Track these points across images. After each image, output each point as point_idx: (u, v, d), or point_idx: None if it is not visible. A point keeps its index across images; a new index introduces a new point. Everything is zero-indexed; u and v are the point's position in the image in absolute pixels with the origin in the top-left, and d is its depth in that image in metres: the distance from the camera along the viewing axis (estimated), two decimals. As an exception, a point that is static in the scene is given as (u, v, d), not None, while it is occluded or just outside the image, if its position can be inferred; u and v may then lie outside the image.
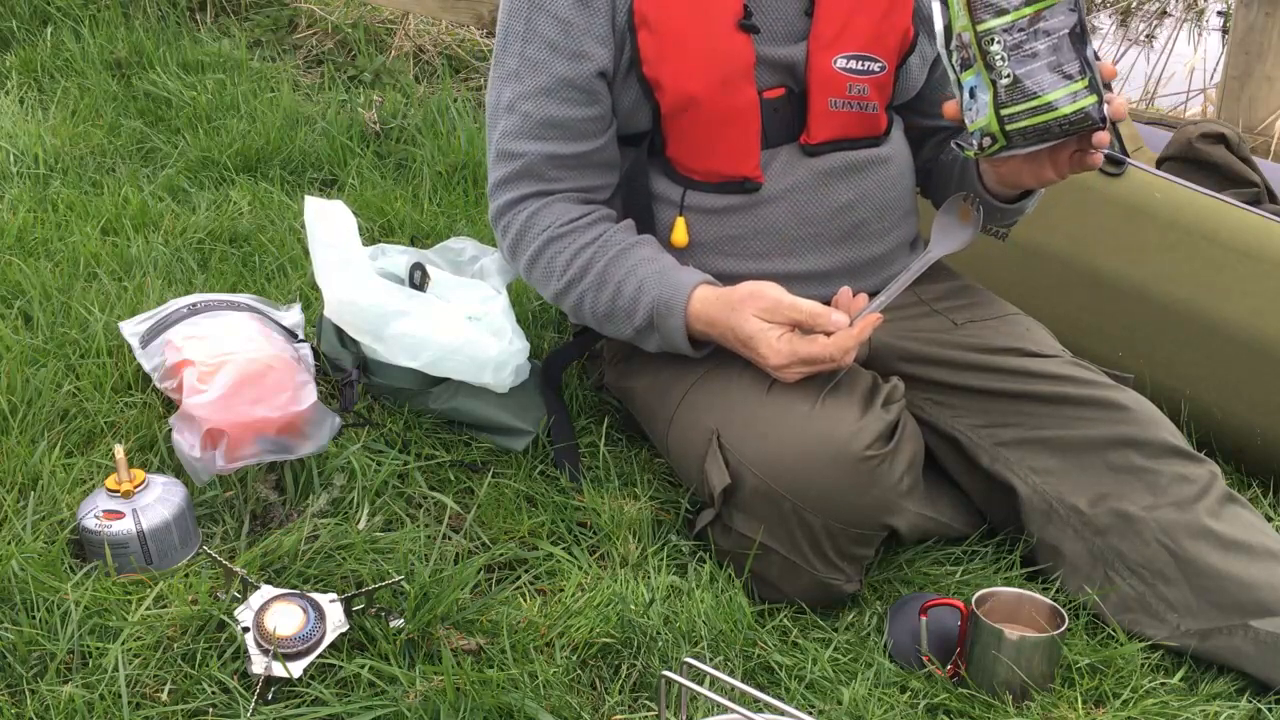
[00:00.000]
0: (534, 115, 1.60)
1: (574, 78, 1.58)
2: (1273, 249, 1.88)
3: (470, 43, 3.57)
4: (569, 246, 1.61)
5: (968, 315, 1.76)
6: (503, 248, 1.71)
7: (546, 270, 1.64)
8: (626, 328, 1.61)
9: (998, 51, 1.37)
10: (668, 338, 1.59)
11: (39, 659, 1.34)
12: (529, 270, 1.67)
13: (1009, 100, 1.39)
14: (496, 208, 1.68)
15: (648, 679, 1.41)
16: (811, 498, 1.47)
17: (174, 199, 2.52)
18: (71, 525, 1.50)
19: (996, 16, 1.37)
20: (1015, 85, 1.38)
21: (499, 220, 1.69)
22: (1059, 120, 1.38)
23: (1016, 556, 1.67)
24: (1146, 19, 4.57)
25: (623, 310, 1.60)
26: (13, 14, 3.40)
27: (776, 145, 1.63)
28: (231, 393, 1.61)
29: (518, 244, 1.66)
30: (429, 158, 2.77)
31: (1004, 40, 1.37)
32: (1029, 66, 1.37)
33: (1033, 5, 1.36)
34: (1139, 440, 1.60)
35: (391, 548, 1.54)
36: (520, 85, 1.60)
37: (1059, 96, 1.37)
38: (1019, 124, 1.39)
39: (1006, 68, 1.37)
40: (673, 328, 1.56)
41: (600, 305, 1.61)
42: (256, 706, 1.30)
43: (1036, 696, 1.44)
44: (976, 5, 1.37)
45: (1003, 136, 1.41)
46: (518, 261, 1.68)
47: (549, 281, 1.65)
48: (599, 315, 1.62)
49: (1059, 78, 1.37)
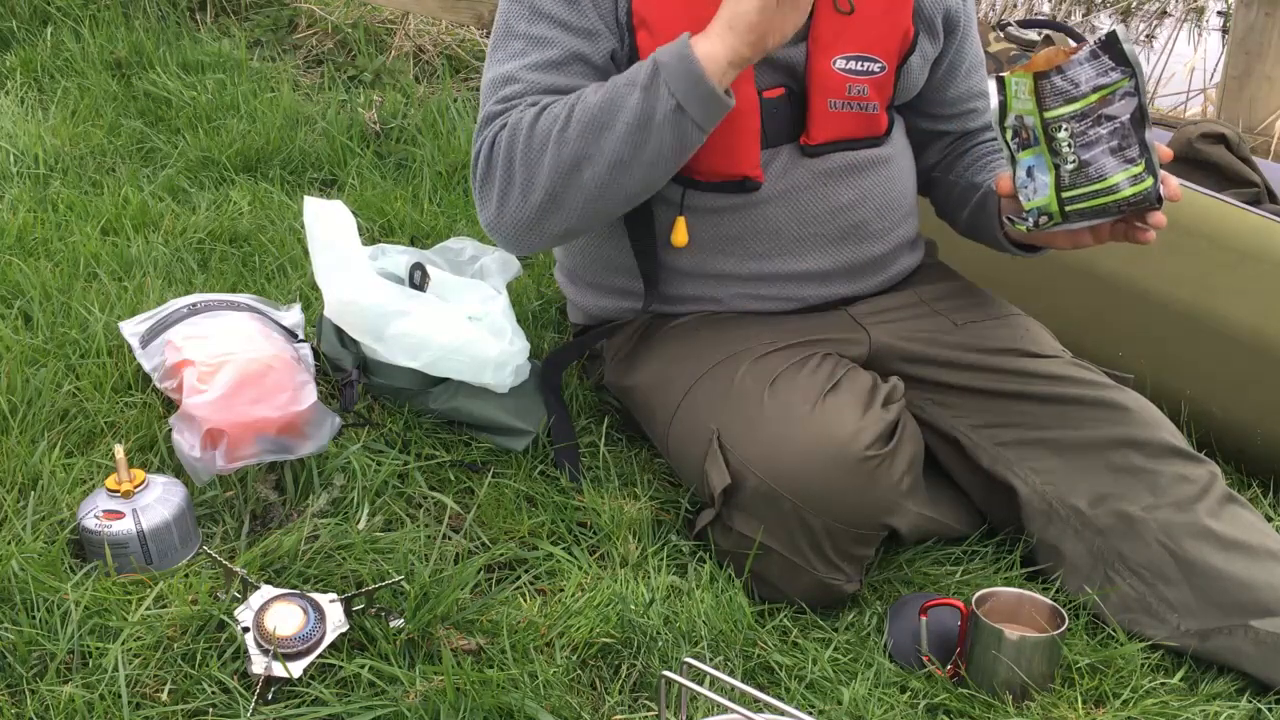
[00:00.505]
0: (539, 83, 1.54)
1: (588, 53, 1.55)
2: (1273, 249, 1.88)
3: (470, 43, 3.57)
4: (563, 99, 1.51)
5: (968, 315, 1.76)
6: (493, 161, 1.54)
7: (545, 129, 1.49)
8: (631, 98, 1.45)
9: (1064, 139, 1.39)
10: (673, 65, 1.43)
11: (39, 659, 1.34)
12: (527, 144, 1.50)
13: (1072, 184, 1.40)
14: (480, 142, 1.56)
15: (648, 679, 1.41)
16: (812, 498, 1.47)
17: (174, 199, 2.52)
18: (71, 525, 1.50)
19: (1066, 105, 1.38)
20: (1080, 170, 1.39)
21: (476, 142, 1.56)
22: (1119, 202, 1.40)
23: (1016, 556, 1.67)
24: (1146, 19, 4.57)
25: (624, 86, 1.46)
26: (13, 14, 3.40)
27: (776, 145, 1.63)
28: (231, 393, 1.61)
29: (513, 136, 1.51)
30: (429, 158, 2.77)
31: (1071, 128, 1.38)
32: (1094, 151, 1.39)
33: (1099, 92, 1.37)
34: (1139, 440, 1.60)
35: (391, 548, 1.54)
36: (525, 59, 1.55)
37: (1120, 180, 1.39)
38: (1079, 205, 1.41)
39: (1072, 154, 1.39)
40: (677, 48, 1.44)
41: (598, 98, 1.47)
42: (256, 706, 1.30)
43: (1036, 696, 1.44)
44: (1045, 93, 1.38)
45: (1060, 216, 1.43)
46: (513, 153, 1.51)
47: (550, 134, 1.48)
48: (601, 108, 1.46)
49: (1121, 161, 1.39)
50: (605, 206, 1.54)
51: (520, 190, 1.52)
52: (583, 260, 1.82)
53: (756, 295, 1.70)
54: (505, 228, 1.56)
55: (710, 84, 1.43)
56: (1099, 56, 1.37)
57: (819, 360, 1.60)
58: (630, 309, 1.76)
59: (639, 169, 1.49)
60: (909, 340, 1.72)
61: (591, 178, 1.49)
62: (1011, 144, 1.44)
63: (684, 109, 1.44)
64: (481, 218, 1.60)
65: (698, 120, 1.45)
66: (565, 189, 1.50)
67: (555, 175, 1.49)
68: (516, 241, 1.59)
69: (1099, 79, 1.37)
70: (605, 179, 1.49)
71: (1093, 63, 1.37)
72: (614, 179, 1.49)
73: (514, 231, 1.56)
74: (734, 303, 1.71)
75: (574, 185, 1.50)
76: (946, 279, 1.84)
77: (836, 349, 1.66)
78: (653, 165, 1.49)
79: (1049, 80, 1.38)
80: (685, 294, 1.71)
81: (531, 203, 1.52)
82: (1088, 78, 1.37)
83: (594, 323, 1.85)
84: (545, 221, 1.54)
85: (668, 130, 1.45)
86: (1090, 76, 1.37)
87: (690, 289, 1.71)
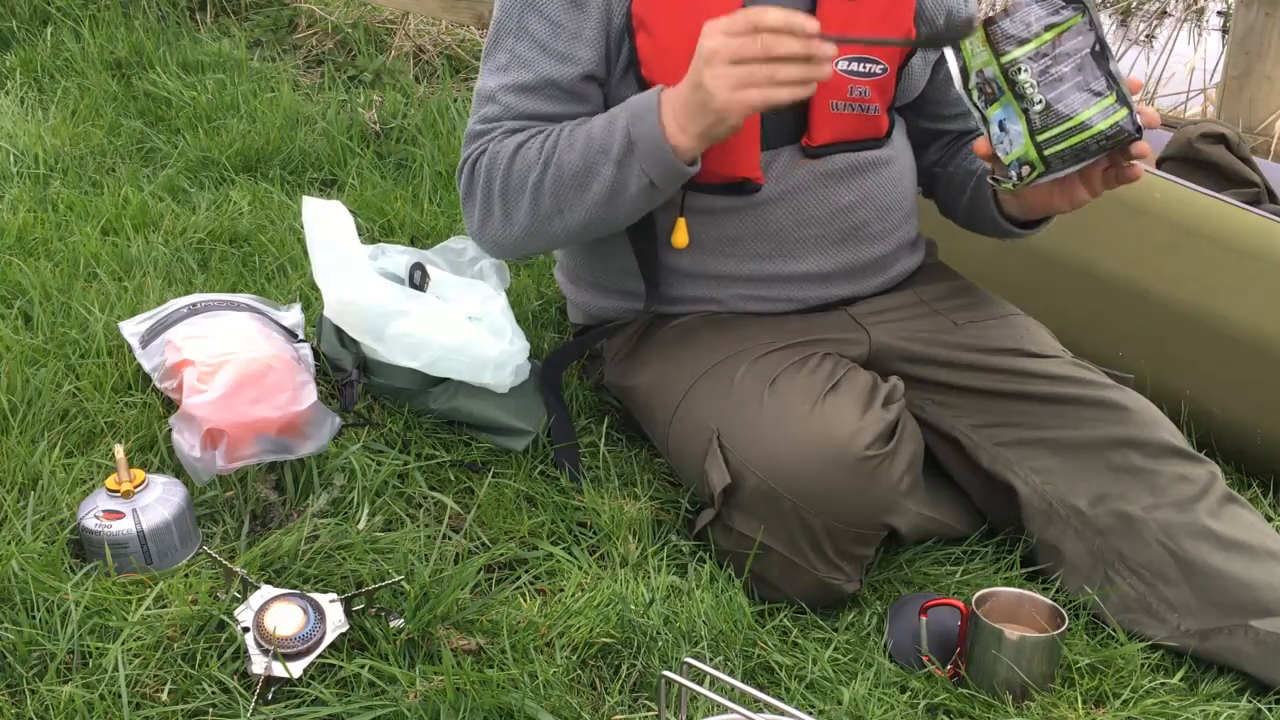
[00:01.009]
0: (515, 108, 1.60)
1: (559, 79, 1.58)
2: (1273, 249, 1.88)
3: (470, 43, 3.57)
4: (538, 137, 1.56)
5: (968, 315, 1.76)
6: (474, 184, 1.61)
7: (521, 174, 1.55)
8: (605, 170, 1.49)
9: (1026, 80, 1.39)
10: (646, 146, 1.46)
11: (39, 659, 1.34)
12: (505, 182, 1.56)
13: (1043, 125, 1.40)
14: (465, 158, 1.63)
15: (648, 679, 1.41)
16: (812, 497, 1.47)
17: (174, 199, 2.52)
18: (71, 525, 1.50)
19: (1019, 46, 1.38)
20: (1048, 110, 1.39)
21: (462, 155, 1.63)
22: (1095, 137, 1.39)
23: (1016, 556, 1.67)
24: (1146, 19, 4.57)
25: (598, 154, 1.50)
26: (13, 14, 3.40)
27: (777, 147, 1.63)
28: (231, 393, 1.61)
29: (492, 166, 1.57)
30: (429, 158, 2.77)
31: (1030, 68, 1.38)
32: (1058, 90, 1.38)
33: (1052, 30, 1.38)
34: (1139, 440, 1.60)
35: (391, 548, 1.54)
36: (505, 78, 1.60)
37: (1092, 114, 1.38)
38: (1056, 147, 1.40)
39: (1037, 94, 1.39)
40: (649, 129, 1.45)
41: (574, 160, 1.51)
42: (256, 706, 1.30)
43: (1036, 696, 1.44)
44: (997, 38, 1.38)
45: (1041, 162, 1.41)
46: (491, 185, 1.58)
47: (526, 182, 1.54)
48: (576, 173, 1.51)
49: (1089, 96, 1.38)
50: (582, 241, 1.66)
51: (500, 219, 1.61)
52: (583, 260, 1.82)
53: (757, 296, 1.70)
54: (487, 243, 1.66)
55: (682, 167, 1.47)
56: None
57: (819, 360, 1.60)
58: (630, 309, 1.76)
59: (611, 224, 1.58)
60: (909, 340, 1.72)
61: (564, 228, 1.58)
62: (979, 104, 1.44)
63: (656, 185, 1.49)
64: (466, 225, 1.68)
65: (666, 191, 1.52)
66: (544, 229, 1.59)
67: (532, 219, 1.58)
68: (499, 255, 1.73)
69: (1050, 18, 1.38)
70: (579, 229, 1.58)
71: (1041, 3, 1.38)
72: (588, 229, 1.59)
73: (495, 248, 1.67)
74: (734, 303, 1.71)
75: (552, 228, 1.58)
76: (946, 279, 1.84)
77: (836, 349, 1.66)
78: (625, 220, 1.58)
79: (998, 26, 1.38)
80: (686, 294, 1.72)
81: (511, 233, 1.61)
82: (1037, 17, 1.38)
83: (594, 323, 1.85)
84: (524, 247, 1.64)
85: (640, 199, 1.52)
86: (1040, 16, 1.38)
87: (690, 290, 1.71)
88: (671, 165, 1.46)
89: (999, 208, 1.67)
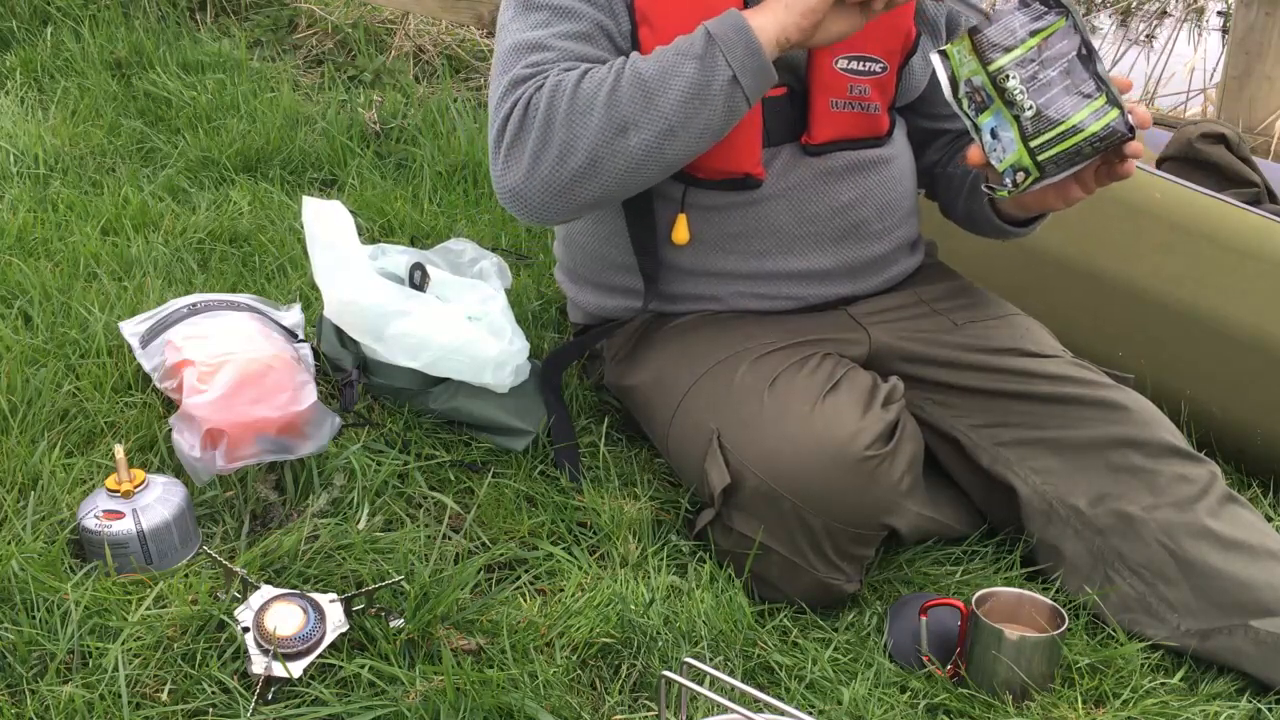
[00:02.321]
0: (571, 51, 1.53)
1: (612, 30, 1.55)
2: (1273, 249, 1.88)
3: (470, 43, 3.57)
4: (601, 67, 1.50)
5: (968, 315, 1.76)
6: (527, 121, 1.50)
7: (591, 90, 1.46)
8: (686, 66, 1.44)
9: (1015, 86, 1.39)
10: (729, 37, 1.44)
11: (39, 659, 1.34)
12: (571, 102, 1.47)
13: (1035, 131, 1.40)
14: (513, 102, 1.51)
15: (648, 679, 1.41)
16: (812, 498, 1.47)
17: (174, 199, 2.52)
18: (71, 525, 1.50)
19: (1005, 54, 1.38)
20: (1039, 115, 1.39)
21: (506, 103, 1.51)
22: (1089, 139, 1.39)
23: (1016, 556, 1.67)
24: (1146, 19, 4.57)
25: (673, 56, 1.45)
26: (13, 14, 3.40)
27: (778, 144, 1.63)
28: (231, 393, 1.61)
29: (556, 92, 1.48)
30: (429, 158, 2.77)
31: (1017, 74, 1.38)
32: (1048, 95, 1.38)
33: (1037, 35, 1.38)
34: (1139, 440, 1.60)
35: (391, 548, 1.54)
36: (553, 29, 1.54)
37: (1084, 117, 1.38)
38: (1050, 152, 1.40)
39: (1027, 100, 1.39)
40: (731, 20, 1.44)
41: (652, 66, 1.46)
42: (256, 706, 1.30)
43: (1036, 696, 1.44)
44: (983, 46, 1.39)
45: (1035, 168, 1.41)
46: (554, 112, 1.47)
47: (597, 96, 1.46)
48: (656, 75, 1.45)
49: (1079, 99, 1.38)
50: (643, 175, 1.50)
51: (558, 152, 1.48)
52: (583, 259, 1.82)
53: (757, 294, 1.70)
54: (533, 192, 1.51)
55: (765, 57, 1.44)
56: (1029, 4, 1.38)
57: (819, 360, 1.60)
58: (630, 308, 1.76)
59: (687, 137, 1.48)
60: (909, 340, 1.72)
61: (638, 143, 1.46)
62: (969, 112, 1.44)
63: (739, 80, 1.45)
64: (504, 182, 1.52)
65: (749, 93, 1.46)
66: (608, 153, 1.47)
67: (601, 137, 1.46)
68: (542, 208, 1.52)
69: (1033, 24, 1.38)
70: (652, 145, 1.47)
71: (1024, 10, 1.38)
72: (660, 146, 1.47)
73: (542, 197, 1.51)
74: (734, 301, 1.71)
75: (618, 150, 1.47)
76: (946, 279, 1.84)
77: (836, 349, 1.66)
78: (700, 136, 1.48)
79: (983, 35, 1.39)
80: (686, 292, 1.72)
81: (569, 166, 1.48)
82: (1021, 24, 1.38)
83: (594, 322, 1.85)
84: (578, 187, 1.50)
85: (720, 100, 1.46)
86: (1024, 23, 1.38)
87: (691, 287, 1.71)
88: (758, 58, 1.43)
89: (995, 209, 1.67)
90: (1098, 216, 1.99)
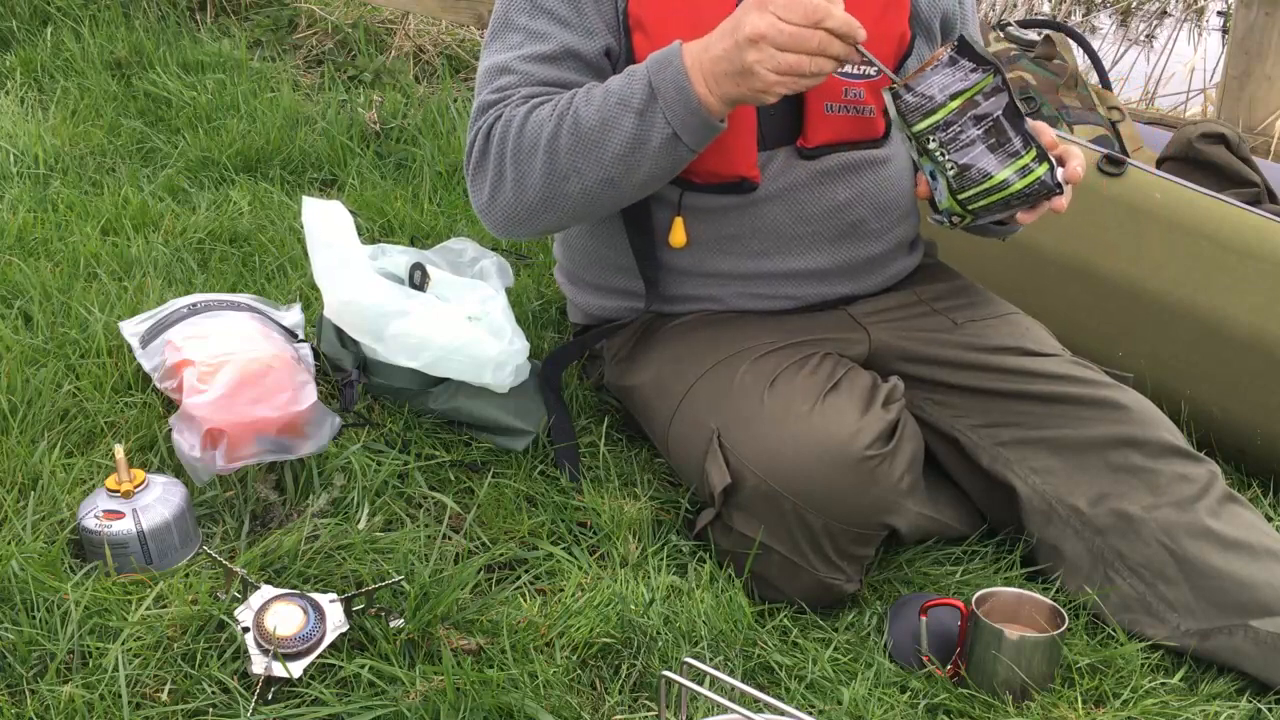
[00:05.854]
0: (533, 75, 1.56)
1: (579, 50, 1.56)
2: (1273, 249, 1.88)
3: (470, 43, 3.57)
4: (553, 100, 1.52)
5: (968, 315, 1.76)
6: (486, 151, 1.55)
7: (534, 133, 1.50)
8: (625, 121, 1.44)
9: (936, 148, 1.41)
10: (670, 95, 1.41)
11: (39, 659, 1.34)
12: (518, 141, 1.51)
13: (960, 187, 1.43)
14: (476, 130, 1.57)
15: (648, 679, 1.41)
16: (812, 497, 1.47)
17: (174, 199, 2.52)
18: (71, 525, 1.50)
19: (926, 118, 1.40)
20: (962, 174, 1.41)
21: (472, 129, 1.57)
22: (1015, 195, 1.42)
23: (1016, 556, 1.67)
24: (1146, 19, 4.57)
25: (616, 106, 1.44)
26: (13, 14, 3.40)
27: (774, 148, 1.63)
28: (231, 393, 1.61)
29: (506, 128, 1.52)
30: (429, 158, 2.77)
31: (939, 137, 1.40)
32: (971, 154, 1.40)
33: (959, 97, 1.38)
34: (1139, 440, 1.60)
35: (391, 548, 1.54)
36: (521, 51, 1.57)
37: (1008, 175, 1.41)
38: (977, 204, 1.44)
39: (949, 160, 1.41)
40: (673, 76, 1.41)
41: (592, 115, 1.46)
42: (256, 706, 1.30)
43: (1036, 696, 1.44)
44: (905, 110, 1.40)
45: (967, 214, 1.45)
46: (504, 148, 1.52)
47: (539, 140, 1.49)
48: (594, 127, 1.45)
49: (1004, 157, 1.40)
50: (599, 211, 1.58)
51: (512, 186, 1.54)
52: (583, 261, 1.83)
53: (756, 294, 1.70)
54: (498, 217, 1.59)
55: (712, 121, 1.43)
56: (957, 62, 1.38)
57: (819, 360, 1.60)
58: (630, 309, 1.76)
59: (628, 188, 1.52)
60: (909, 340, 1.72)
61: (581, 191, 1.51)
62: (914, 153, 1.46)
63: (679, 137, 1.44)
64: (475, 202, 1.61)
65: (692, 146, 1.46)
66: (557, 194, 1.52)
67: (546, 182, 1.51)
68: (508, 230, 1.61)
69: (956, 84, 1.38)
70: (595, 193, 1.51)
71: (949, 69, 1.37)
72: (603, 193, 1.52)
73: (506, 223, 1.59)
74: (734, 301, 1.71)
75: (565, 192, 1.52)
76: (946, 278, 1.84)
77: (836, 349, 1.66)
78: (644, 184, 1.52)
79: (902, 99, 1.39)
80: (685, 293, 1.72)
81: (525, 200, 1.54)
82: (941, 87, 1.38)
83: (594, 323, 1.85)
84: (536, 219, 1.57)
85: (662, 155, 1.47)
86: (945, 85, 1.38)
87: (690, 288, 1.71)
88: (699, 116, 1.41)
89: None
90: (1098, 216, 1.99)
